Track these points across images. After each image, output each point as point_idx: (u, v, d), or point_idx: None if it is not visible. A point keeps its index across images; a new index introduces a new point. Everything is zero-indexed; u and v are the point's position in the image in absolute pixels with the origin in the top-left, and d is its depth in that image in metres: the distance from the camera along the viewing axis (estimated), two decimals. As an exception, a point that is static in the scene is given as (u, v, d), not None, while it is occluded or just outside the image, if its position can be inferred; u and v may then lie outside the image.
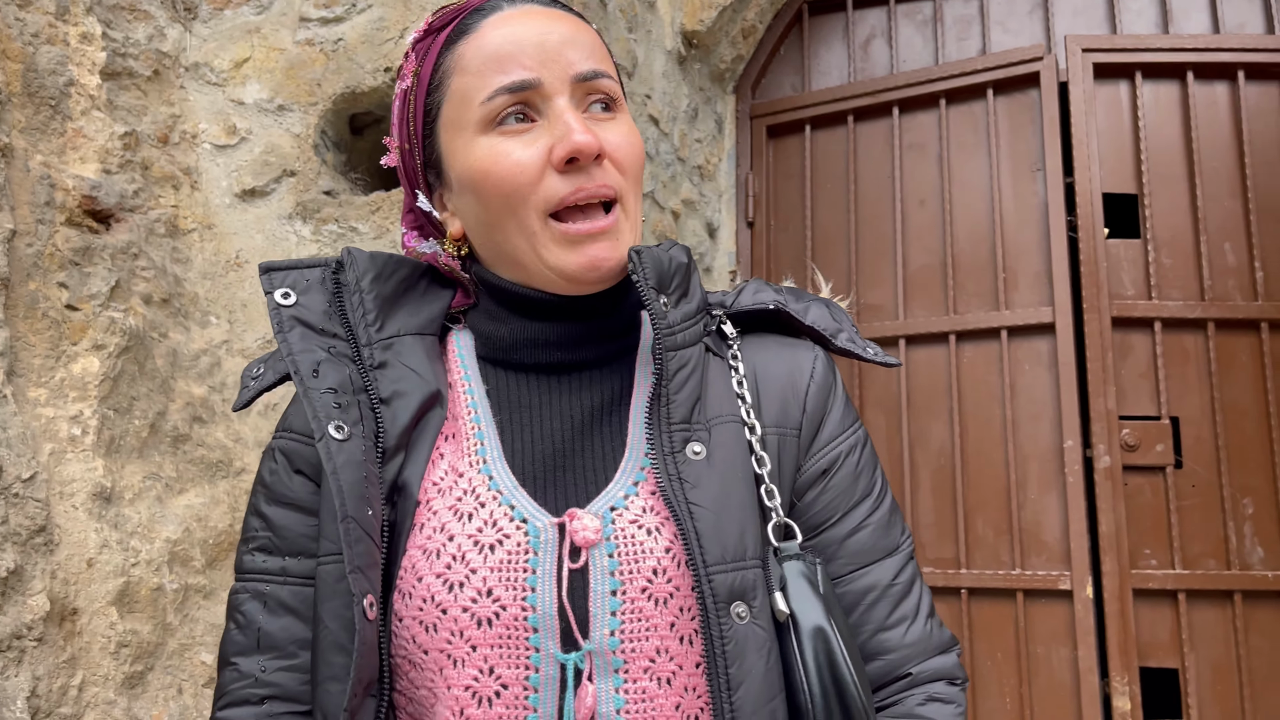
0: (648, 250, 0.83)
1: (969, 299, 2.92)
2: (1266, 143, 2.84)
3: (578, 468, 0.83)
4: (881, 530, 0.88)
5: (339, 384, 0.82)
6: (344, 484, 0.76)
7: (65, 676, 1.41)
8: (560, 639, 0.76)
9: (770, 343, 0.92)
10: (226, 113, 2.35)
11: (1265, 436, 2.69)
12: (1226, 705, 2.58)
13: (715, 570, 0.77)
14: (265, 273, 0.86)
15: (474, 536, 0.79)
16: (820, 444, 0.88)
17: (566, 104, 0.82)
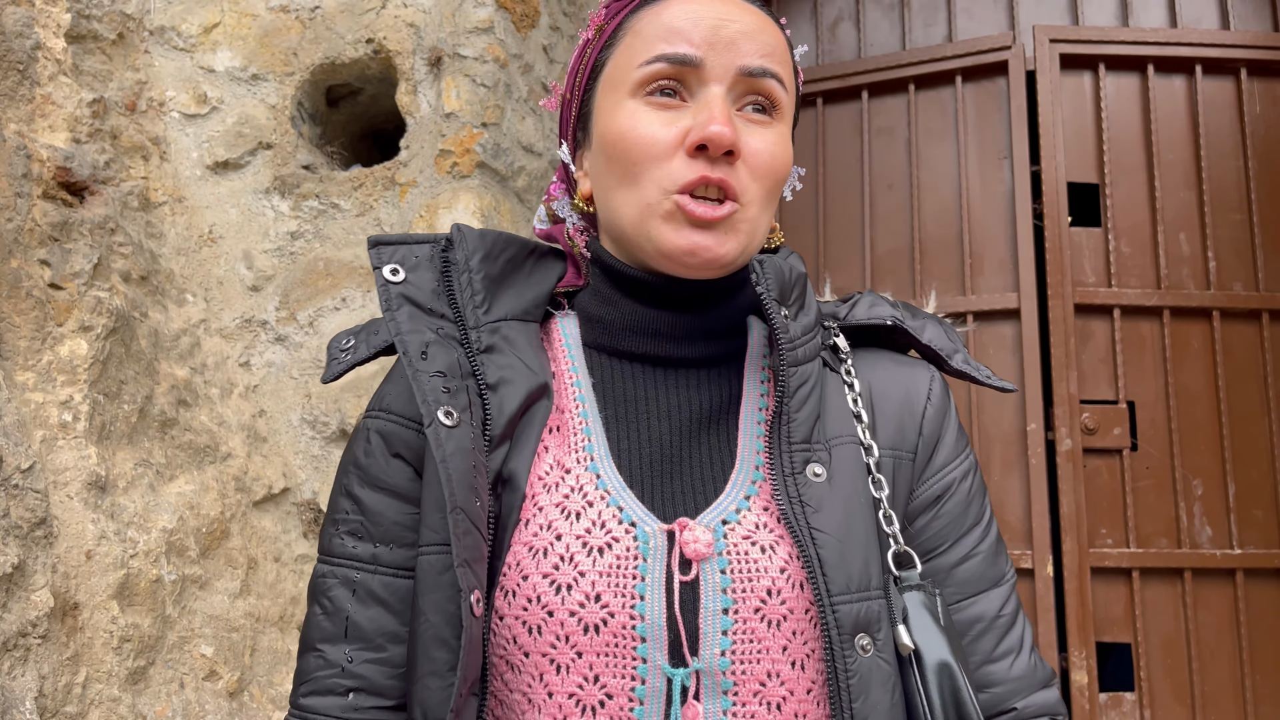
0: (770, 260, 0.81)
1: (935, 283, 2.97)
2: (1221, 136, 2.94)
3: (685, 474, 0.81)
4: (989, 559, 0.85)
5: (448, 368, 0.79)
6: (453, 473, 0.74)
7: (69, 674, 1.35)
8: (669, 652, 0.74)
9: (885, 360, 0.89)
10: (196, 80, 2.26)
11: (1215, 420, 2.80)
12: (1176, 677, 2.70)
13: (840, 600, 0.75)
14: (374, 246, 0.83)
15: (582, 537, 0.76)
16: (935, 469, 0.86)
17: (721, 93, 0.80)
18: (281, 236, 2.16)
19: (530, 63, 2.30)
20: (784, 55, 0.84)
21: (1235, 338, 2.84)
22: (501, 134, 2.15)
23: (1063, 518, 2.74)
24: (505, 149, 2.16)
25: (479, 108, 2.10)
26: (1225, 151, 2.93)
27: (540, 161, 2.32)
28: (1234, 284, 2.87)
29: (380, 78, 2.25)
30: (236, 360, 2.08)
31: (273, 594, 1.81)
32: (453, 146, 2.09)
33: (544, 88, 2.37)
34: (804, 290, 0.85)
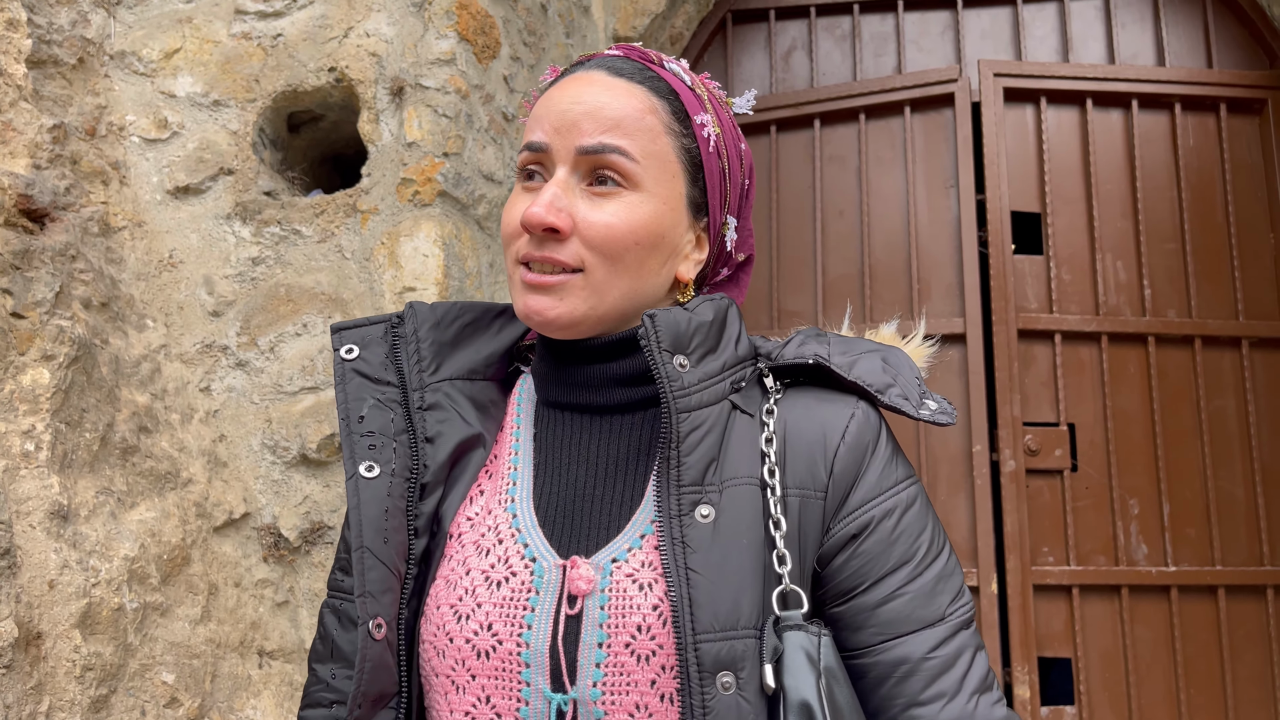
0: (663, 312, 0.85)
1: (885, 308, 3.05)
2: (1156, 168, 3.06)
3: (595, 513, 0.87)
4: (921, 599, 0.82)
5: (380, 428, 0.89)
6: (364, 517, 0.85)
7: (33, 703, 1.37)
8: (550, 679, 0.81)
9: (808, 398, 0.89)
10: (156, 105, 2.27)
11: (1150, 442, 2.91)
12: (1114, 691, 2.79)
13: (704, 638, 0.77)
14: (335, 333, 0.93)
15: (486, 572, 0.85)
16: (850, 507, 0.84)
17: (564, 175, 0.87)
18: (243, 262, 2.18)
19: (491, 93, 2.34)
20: (637, 123, 0.87)
21: (1169, 362, 2.96)
22: (463, 163, 2.19)
23: (1006, 536, 2.83)
24: (466, 178, 2.20)
25: (440, 137, 2.14)
26: (1160, 183, 3.05)
27: (501, 190, 2.36)
28: (1168, 311, 2.99)
29: (342, 105, 2.28)
30: (197, 385, 2.09)
31: (233, 619, 1.83)
32: (414, 175, 2.12)
33: (504, 117, 2.42)
34: (714, 336, 0.88)
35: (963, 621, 0.84)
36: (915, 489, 0.87)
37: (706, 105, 0.92)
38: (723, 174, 0.92)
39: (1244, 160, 3.07)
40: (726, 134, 0.93)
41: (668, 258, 0.90)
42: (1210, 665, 2.81)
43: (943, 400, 0.89)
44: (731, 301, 0.93)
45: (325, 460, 2.05)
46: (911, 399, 0.88)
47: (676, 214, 0.89)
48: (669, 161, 0.88)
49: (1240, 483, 2.90)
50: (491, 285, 2.30)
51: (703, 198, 0.91)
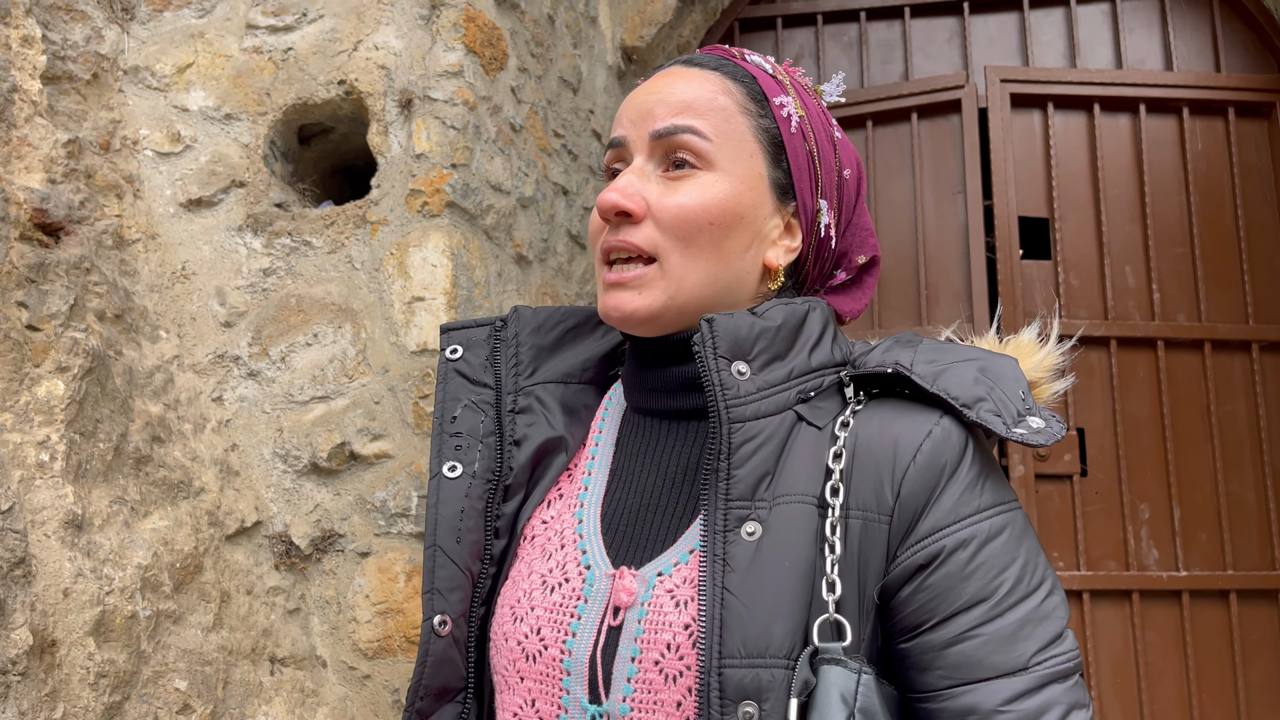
0: (726, 316, 0.81)
1: (893, 314, 3.06)
2: (1164, 172, 3.06)
3: (655, 523, 0.85)
4: (998, 643, 0.72)
5: (469, 429, 0.90)
6: (440, 516, 0.87)
7: (48, 710, 1.39)
8: (589, 689, 0.80)
9: (887, 411, 0.80)
10: (169, 119, 2.30)
11: (1160, 446, 2.91)
12: (1126, 696, 2.79)
13: (729, 664, 0.73)
14: (444, 333, 0.95)
15: (544, 576, 0.85)
16: (920, 535, 0.75)
17: (640, 163, 0.87)
18: (254, 273, 2.20)
19: (499, 104, 2.37)
20: (709, 103, 0.86)
21: (1179, 366, 2.95)
22: (471, 174, 2.21)
23: (1016, 542, 2.82)
24: (474, 188, 2.22)
25: (449, 149, 2.16)
26: (1168, 187, 3.05)
27: (508, 200, 2.38)
28: (1177, 315, 2.98)
29: (352, 117, 2.30)
30: (209, 395, 2.12)
31: (245, 627, 1.85)
32: (423, 186, 2.14)
33: (512, 128, 2.44)
34: (780, 342, 0.83)
35: (1055, 674, 0.73)
36: (1005, 519, 0.76)
37: (789, 89, 0.90)
38: (810, 156, 0.88)
39: (1253, 164, 3.06)
40: (813, 118, 0.90)
41: (751, 241, 0.86)
42: (1222, 670, 2.80)
43: (1053, 419, 0.78)
44: (819, 306, 0.87)
45: (336, 469, 2.08)
46: (1006, 415, 0.77)
47: (757, 194, 0.86)
48: (745, 140, 0.86)
49: (1251, 487, 2.89)
50: (499, 294, 2.32)
51: (788, 180, 0.88)
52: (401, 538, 2.03)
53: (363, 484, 2.07)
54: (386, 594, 2.02)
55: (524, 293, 2.46)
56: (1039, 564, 0.76)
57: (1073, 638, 0.76)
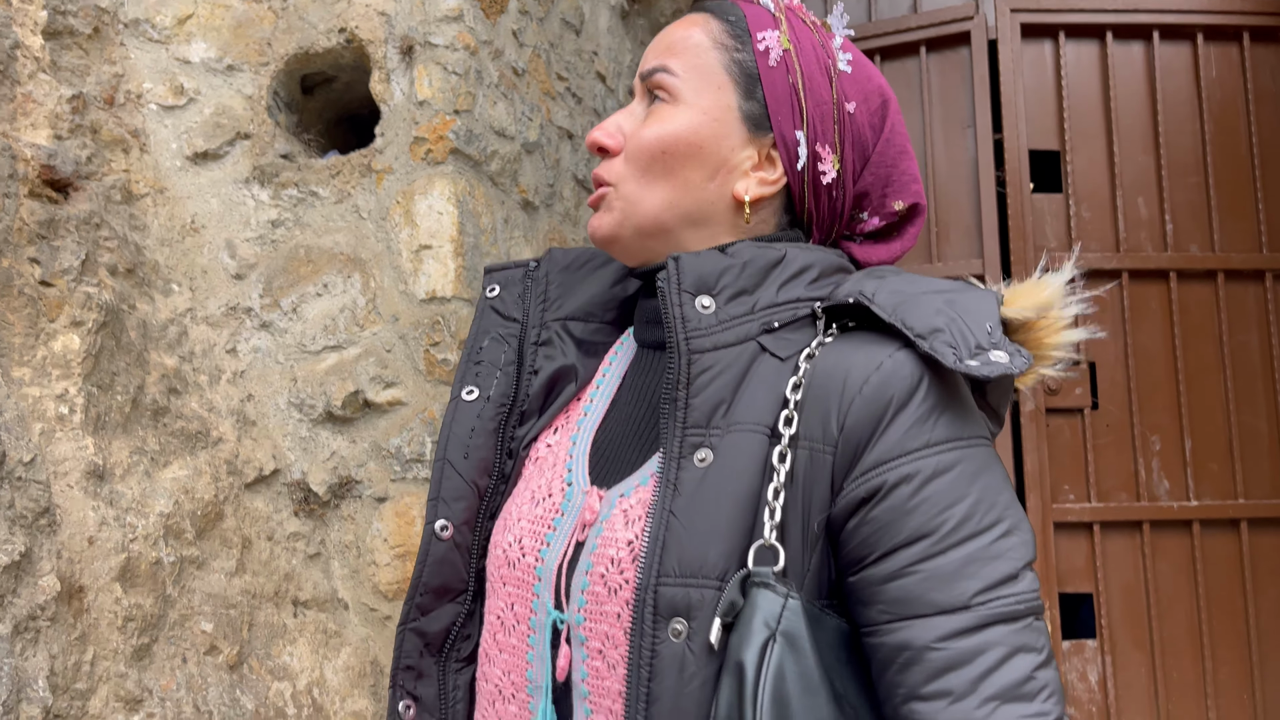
0: (693, 255, 0.84)
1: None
2: (1178, 100, 3.02)
3: (631, 447, 0.90)
4: (938, 580, 0.71)
5: (491, 359, 0.97)
6: (452, 434, 0.94)
7: (78, 653, 1.44)
8: (554, 596, 0.85)
9: (850, 342, 0.80)
10: (172, 72, 2.30)
11: (1172, 378, 2.91)
12: (1135, 624, 2.82)
13: (665, 582, 0.75)
14: (487, 273, 1.02)
15: (534, 492, 0.91)
16: (864, 467, 0.74)
17: (634, 103, 0.94)
18: (262, 225, 2.22)
19: (500, 48, 2.35)
20: (685, 42, 0.91)
21: (1191, 298, 2.94)
22: (474, 120, 2.21)
23: (1027, 475, 2.85)
24: (478, 134, 2.22)
25: (451, 95, 2.16)
26: (1182, 116, 3.01)
27: (513, 145, 2.38)
28: (1190, 245, 2.96)
29: (354, 66, 2.30)
30: (223, 347, 2.14)
31: (267, 571, 1.90)
32: (426, 134, 2.14)
33: (514, 72, 2.43)
34: (748, 277, 0.84)
35: (999, 615, 0.71)
36: (958, 455, 0.74)
37: (782, 25, 0.90)
38: (793, 90, 0.88)
39: (1268, 90, 3.02)
40: (804, 51, 0.89)
41: (715, 171, 0.87)
42: (1233, 598, 2.83)
43: (1018, 354, 0.75)
44: (798, 247, 0.87)
45: (350, 417, 2.11)
46: (961, 347, 0.75)
47: (722, 125, 0.87)
48: (713, 74, 0.88)
49: (1263, 416, 2.90)
50: (506, 241, 2.33)
51: (763, 111, 0.88)
52: (417, 482, 2.07)
53: (377, 431, 2.11)
54: (404, 537, 2.06)
55: (531, 239, 2.46)
56: (996, 503, 0.74)
57: (1031, 580, 0.73)
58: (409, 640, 0.93)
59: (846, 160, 0.90)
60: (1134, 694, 2.81)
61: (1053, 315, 0.83)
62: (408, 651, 0.93)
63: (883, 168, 0.92)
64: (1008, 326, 0.82)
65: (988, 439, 0.79)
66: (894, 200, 0.93)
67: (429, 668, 0.93)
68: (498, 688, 0.88)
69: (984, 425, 0.79)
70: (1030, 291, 0.85)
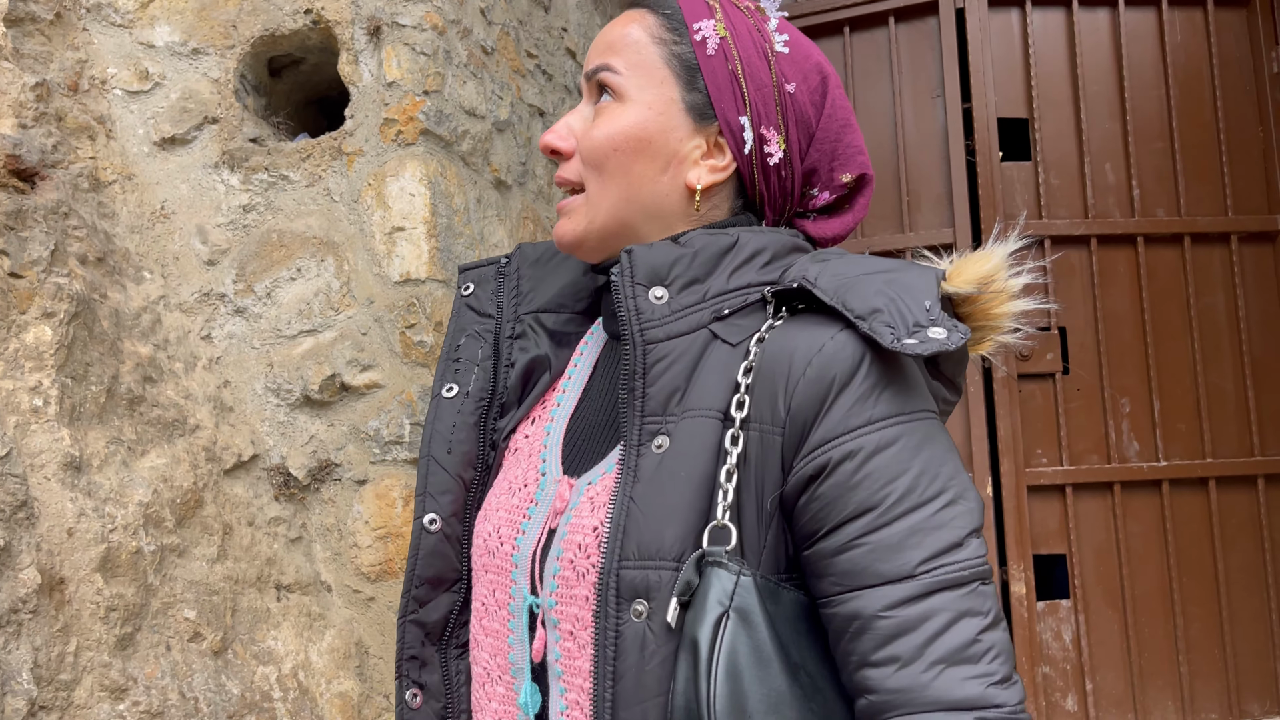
0: (645, 246, 0.86)
1: (875, 222, 3.07)
2: (1143, 66, 3.04)
3: (601, 436, 0.92)
4: (883, 551, 0.74)
5: (469, 355, 1.00)
6: (434, 431, 0.97)
7: (61, 644, 1.45)
8: (530, 582, 0.88)
9: (796, 325, 0.82)
10: (136, 56, 2.28)
11: (1140, 341, 2.95)
12: (1108, 583, 2.88)
13: (626, 565, 0.78)
14: (461, 272, 1.04)
15: (510, 481, 0.94)
16: (810, 445, 0.77)
17: (582, 104, 0.95)
18: (234, 210, 2.21)
19: (468, 27, 2.34)
20: (624, 39, 0.92)
21: (1158, 262, 2.98)
22: (444, 100, 2.20)
23: (1000, 440, 2.89)
24: (448, 115, 2.21)
25: (420, 75, 2.15)
26: (1147, 81, 3.03)
27: (483, 124, 2.37)
28: (1157, 210, 3.00)
29: (321, 47, 2.28)
30: (198, 334, 2.14)
31: (248, 557, 1.91)
32: (396, 115, 2.14)
33: (483, 50, 2.42)
34: (700, 266, 0.86)
35: (944, 582, 0.74)
36: (899, 430, 0.77)
37: (716, 13, 0.92)
38: (733, 76, 0.90)
39: (1232, 54, 3.04)
40: (741, 37, 0.91)
41: (666, 164, 0.89)
42: (1202, 555, 2.89)
43: (955, 329, 0.77)
44: (750, 231, 0.89)
45: (328, 400, 2.11)
46: (899, 327, 0.77)
47: (667, 118, 0.89)
48: (654, 68, 0.90)
49: (1230, 376, 2.95)
50: (480, 221, 2.33)
51: (706, 100, 0.90)
52: (397, 464, 2.08)
53: (355, 414, 2.11)
54: (385, 519, 2.07)
55: (504, 218, 2.46)
56: (940, 474, 0.76)
57: (976, 546, 0.76)
58: (410, 632, 0.96)
59: (792, 140, 0.92)
60: (1107, 651, 2.87)
61: (996, 287, 0.85)
62: (409, 642, 0.96)
63: (828, 143, 0.94)
64: (952, 301, 0.85)
65: (933, 412, 0.81)
66: (841, 173, 0.95)
67: (431, 656, 0.97)
68: (485, 670, 0.92)
69: (928, 399, 0.82)
70: (975, 263, 0.86)
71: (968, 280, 0.85)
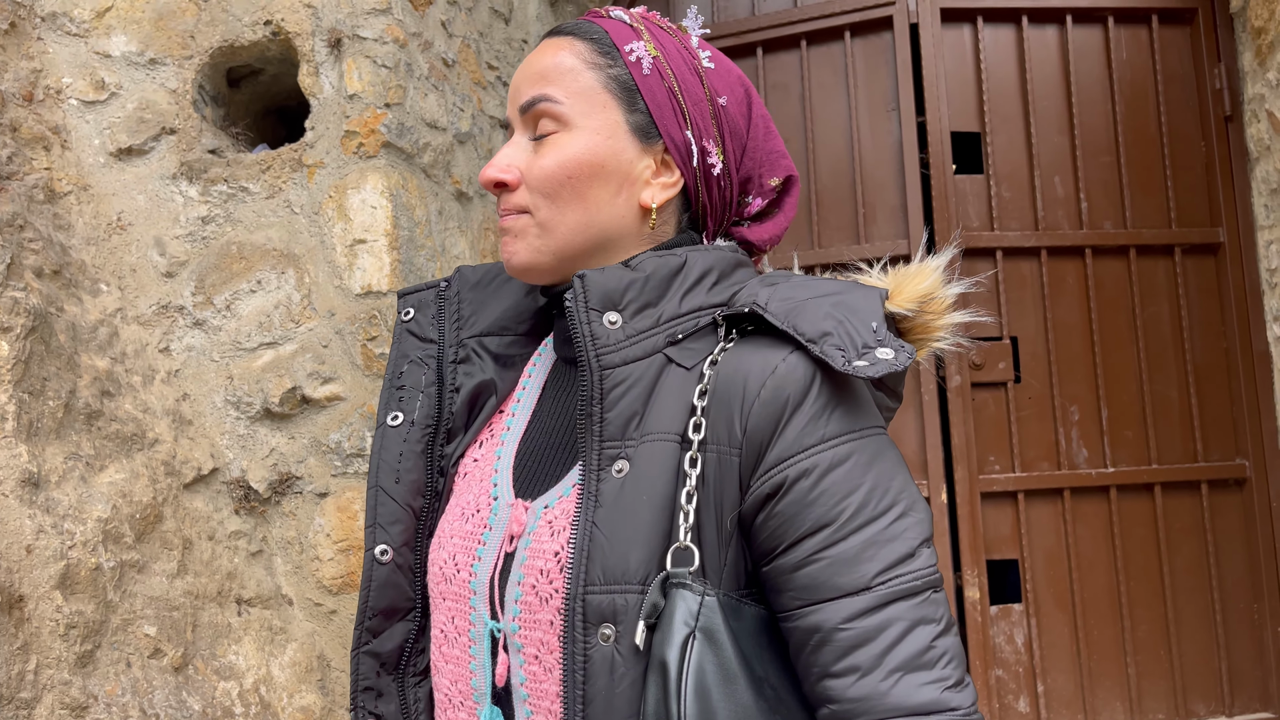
0: (597, 271, 0.87)
1: (832, 233, 3.12)
2: (1090, 82, 3.12)
3: (552, 459, 0.93)
4: (841, 566, 0.77)
5: (412, 382, 0.99)
6: (381, 460, 0.97)
7: (20, 663, 1.43)
8: (490, 608, 0.89)
9: (747, 348, 0.84)
10: (92, 66, 2.26)
11: (1089, 351, 3.03)
12: (1058, 588, 2.95)
13: (591, 590, 0.79)
14: (400, 297, 1.04)
15: (463, 508, 0.95)
16: (766, 466, 0.80)
17: (517, 136, 0.95)
18: (192, 222, 2.20)
19: (430, 40, 2.35)
20: (557, 68, 0.92)
21: (1106, 273, 3.06)
22: (405, 112, 2.21)
23: (954, 448, 2.95)
24: (410, 127, 2.22)
25: (381, 88, 2.16)
26: (1095, 97, 3.12)
27: (445, 136, 2.38)
28: (1104, 223, 3.08)
29: (281, 59, 2.28)
30: (156, 346, 2.12)
31: (209, 571, 1.90)
32: (358, 127, 2.14)
33: (444, 63, 2.42)
34: (651, 290, 0.88)
35: (899, 593, 0.77)
36: (851, 447, 0.80)
37: (644, 35, 0.93)
38: (671, 93, 0.92)
39: (1176, 71, 3.13)
40: (671, 56, 0.93)
41: (620, 187, 0.91)
42: (1148, 559, 2.97)
43: (901, 350, 0.80)
44: (703, 253, 0.91)
45: (289, 413, 2.11)
46: (850, 349, 0.80)
47: (615, 142, 0.90)
48: (595, 94, 0.91)
49: (1174, 384, 3.03)
50: (441, 233, 2.34)
51: (648, 120, 0.91)
52: (358, 477, 2.08)
53: (316, 427, 2.11)
54: (347, 531, 2.07)
55: (465, 229, 2.47)
56: (890, 488, 0.80)
57: (927, 556, 0.79)
58: (364, 663, 0.96)
59: (728, 150, 0.95)
60: (1058, 654, 2.94)
61: (935, 302, 0.91)
62: (364, 674, 0.97)
63: (757, 151, 0.98)
64: (893, 318, 0.89)
65: (881, 428, 0.84)
66: (769, 177, 0.98)
67: (387, 686, 0.97)
68: (447, 696, 0.93)
69: (876, 415, 0.85)
70: (913, 278, 0.92)
71: (909, 299, 0.91)
